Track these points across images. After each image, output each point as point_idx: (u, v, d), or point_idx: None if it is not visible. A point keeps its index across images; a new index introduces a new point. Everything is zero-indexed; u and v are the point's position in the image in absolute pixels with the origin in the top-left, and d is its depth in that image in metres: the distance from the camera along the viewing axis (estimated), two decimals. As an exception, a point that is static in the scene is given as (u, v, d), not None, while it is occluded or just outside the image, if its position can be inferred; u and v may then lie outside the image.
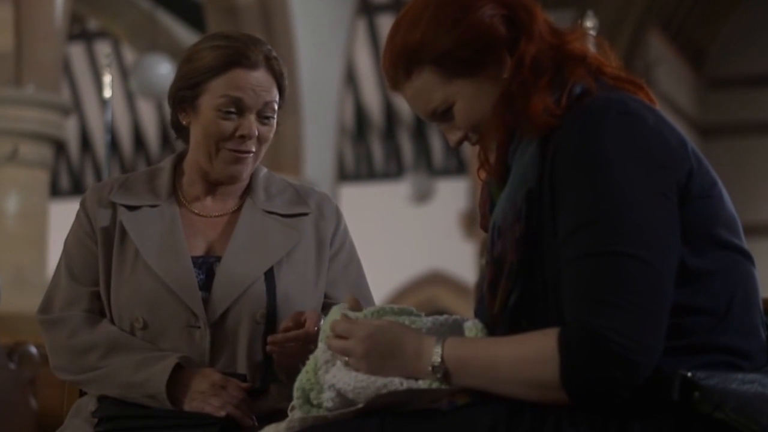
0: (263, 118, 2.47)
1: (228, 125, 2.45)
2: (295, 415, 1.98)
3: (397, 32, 1.96)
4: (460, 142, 2.00)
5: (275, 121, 2.50)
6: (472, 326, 1.89)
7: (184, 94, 2.49)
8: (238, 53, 2.45)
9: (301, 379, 1.98)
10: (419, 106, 1.98)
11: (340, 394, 1.92)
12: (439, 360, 1.81)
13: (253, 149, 2.48)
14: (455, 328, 1.93)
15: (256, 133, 2.46)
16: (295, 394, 1.97)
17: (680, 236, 1.78)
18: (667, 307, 1.75)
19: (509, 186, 1.90)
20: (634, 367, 1.70)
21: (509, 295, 1.83)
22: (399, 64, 1.95)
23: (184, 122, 2.51)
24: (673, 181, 1.79)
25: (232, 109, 2.45)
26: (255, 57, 2.46)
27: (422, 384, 1.84)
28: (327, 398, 1.94)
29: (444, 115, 1.96)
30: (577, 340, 1.71)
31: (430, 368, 1.82)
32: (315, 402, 1.96)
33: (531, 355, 1.75)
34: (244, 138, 2.46)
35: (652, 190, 1.77)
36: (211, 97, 2.45)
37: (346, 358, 1.90)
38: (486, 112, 1.92)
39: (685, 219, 1.79)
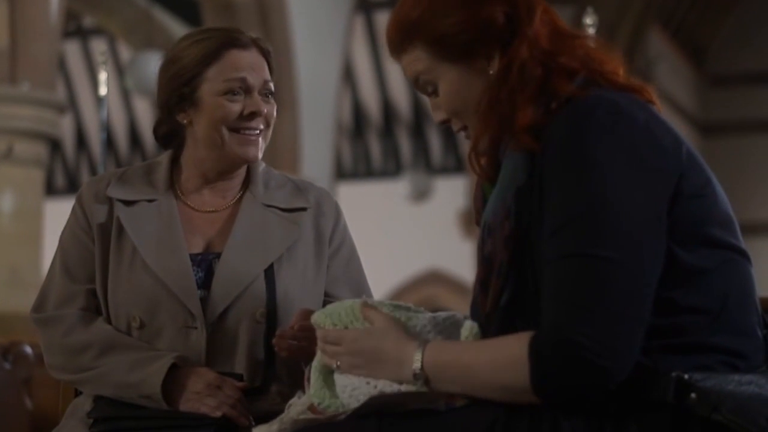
0: (265, 96, 2.48)
1: (235, 106, 2.45)
2: (290, 413, 1.98)
3: (402, 5, 1.98)
4: (442, 123, 2.00)
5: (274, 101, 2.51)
6: (468, 327, 1.89)
7: (181, 92, 2.46)
8: (227, 37, 2.46)
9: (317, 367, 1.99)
10: (410, 78, 2.00)
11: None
12: (419, 367, 1.83)
13: (262, 127, 2.48)
14: (453, 326, 1.92)
15: (264, 109, 2.46)
16: (314, 376, 1.97)
17: (672, 236, 1.77)
18: (645, 311, 1.73)
19: (499, 183, 1.89)
20: (603, 373, 1.70)
21: (501, 294, 1.82)
22: (396, 36, 1.98)
23: (184, 122, 2.48)
24: (662, 182, 1.77)
25: (238, 90, 2.44)
26: (244, 39, 2.48)
27: (411, 387, 1.85)
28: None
29: (431, 92, 1.98)
30: (548, 346, 1.72)
31: (412, 375, 1.83)
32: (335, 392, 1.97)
33: (503, 362, 1.76)
34: (254, 115, 2.45)
35: (638, 191, 1.75)
36: (212, 84, 2.44)
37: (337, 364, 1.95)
38: (467, 102, 1.93)
39: (676, 218, 1.77)
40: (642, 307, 1.73)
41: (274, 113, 2.50)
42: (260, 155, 2.49)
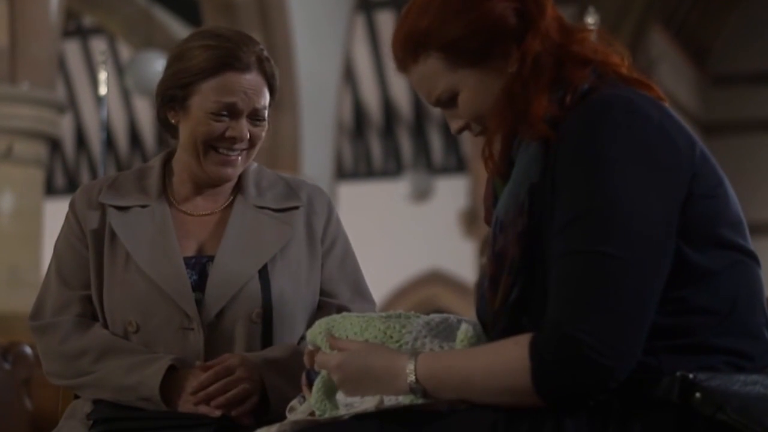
0: (255, 119, 2.46)
1: (218, 126, 2.43)
2: (292, 417, 1.98)
3: (408, 15, 1.94)
4: (460, 131, 1.99)
5: (267, 122, 2.49)
6: (464, 330, 1.87)
7: (173, 93, 2.46)
8: (230, 55, 2.43)
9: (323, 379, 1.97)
10: (423, 91, 1.96)
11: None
12: (414, 379, 1.82)
13: (244, 148, 2.46)
14: (448, 330, 1.92)
15: (247, 135, 2.45)
16: (316, 387, 1.96)
17: (683, 235, 1.76)
18: (649, 311, 1.73)
19: (512, 180, 1.88)
20: (605, 372, 1.69)
21: (511, 291, 1.81)
22: (406, 48, 1.93)
23: (173, 121, 2.49)
24: (674, 182, 1.77)
25: (224, 113, 2.43)
26: (247, 59, 2.43)
27: (404, 399, 1.85)
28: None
29: (448, 102, 1.94)
30: (549, 343, 1.71)
31: (409, 388, 1.83)
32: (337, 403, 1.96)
33: (503, 366, 1.75)
34: (234, 140, 2.44)
35: (650, 191, 1.74)
36: (201, 100, 2.44)
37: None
38: (489, 104, 1.90)
39: (687, 218, 1.77)
40: (647, 306, 1.72)
41: (262, 134, 2.48)
42: (238, 172, 2.50)
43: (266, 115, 2.47)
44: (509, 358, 1.74)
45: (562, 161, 1.78)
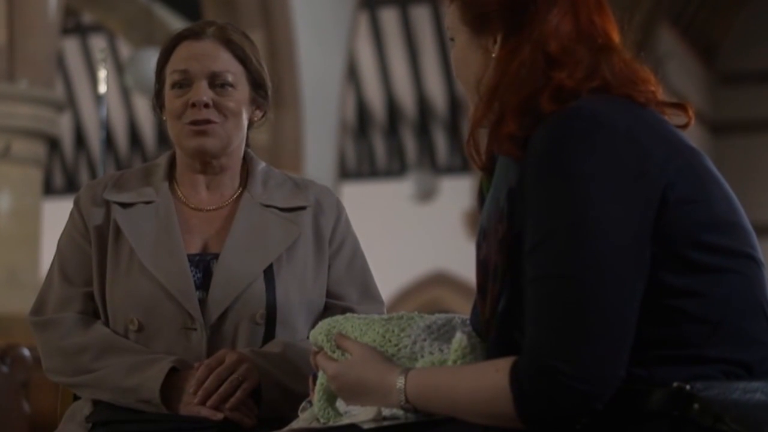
0: (217, 85, 2.44)
1: (180, 100, 2.44)
2: (293, 424, 2.00)
3: None
4: None
5: (237, 91, 2.46)
6: (457, 340, 1.86)
7: (155, 90, 2.51)
8: (187, 29, 2.48)
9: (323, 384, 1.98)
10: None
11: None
12: (404, 398, 1.83)
13: (214, 119, 2.43)
14: (451, 332, 1.92)
15: (204, 98, 2.42)
16: (318, 394, 1.97)
17: (664, 243, 1.72)
18: (625, 330, 1.70)
19: (493, 185, 1.87)
20: (586, 397, 1.69)
21: (498, 299, 1.80)
22: None
23: (164, 118, 2.51)
24: (643, 190, 1.73)
25: (181, 83, 2.44)
26: (199, 28, 2.47)
27: (399, 412, 1.86)
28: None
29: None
30: (527, 373, 1.70)
31: (399, 405, 1.84)
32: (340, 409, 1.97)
33: (485, 393, 1.75)
34: (195, 106, 2.42)
35: (615, 204, 1.71)
36: (167, 80, 2.48)
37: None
38: (467, 72, 1.92)
39: (666, 225, 1.73)
40: (623, 325, 1.69)
41: (232, 105, 2.45)
42: (221, 144, 2.46)
43: (233, 83, 2.44)
44: (491, 385, 1.73)
45: (529, 179, 1.75)
